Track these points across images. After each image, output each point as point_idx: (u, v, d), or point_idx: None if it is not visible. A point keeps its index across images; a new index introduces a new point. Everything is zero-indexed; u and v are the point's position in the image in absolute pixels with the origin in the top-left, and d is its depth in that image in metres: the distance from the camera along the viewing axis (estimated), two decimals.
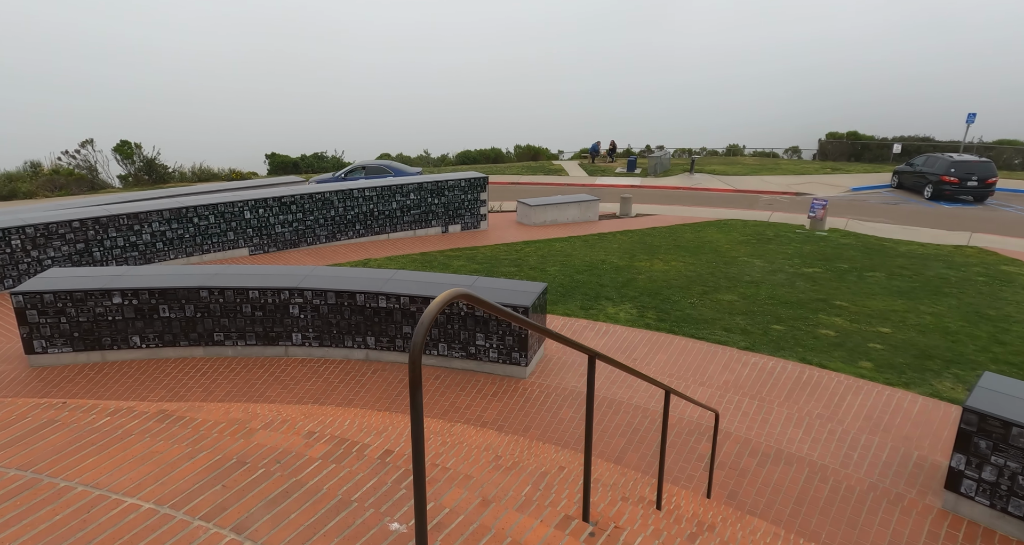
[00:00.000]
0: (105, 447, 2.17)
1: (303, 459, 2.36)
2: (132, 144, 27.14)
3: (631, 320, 8.76)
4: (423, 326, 1.43)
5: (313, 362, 7.39)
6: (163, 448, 2.20)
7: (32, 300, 6.82)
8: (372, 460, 2.63)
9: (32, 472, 1.98)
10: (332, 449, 2.68)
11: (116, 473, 2.00)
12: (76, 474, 1.98)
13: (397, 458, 2.84)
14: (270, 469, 2.21)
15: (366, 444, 3.00)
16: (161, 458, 2.12)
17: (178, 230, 11.46)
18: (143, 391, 6.51)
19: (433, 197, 15.36)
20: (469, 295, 1.58)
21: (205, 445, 2.41)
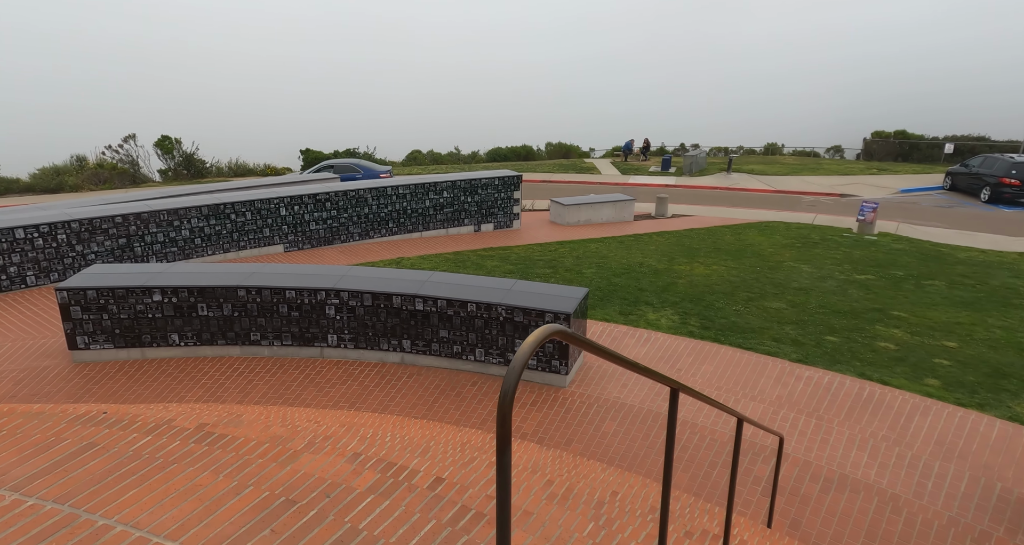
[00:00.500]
0: (146, 477, 2.00)
1: (352, 495, 2.17)
2: (172, 139, 27.78)
3: (673, 327, 8.41)
4: (514, 372, 1.20)
5: (348, 364, 7.28)
6: (207, 481, 2.02)
7: (76, 296, 6.87)
8: (424, 493, 2.42)
9: (70, 506, 1.82)
10: (380, 479, 2.48)
11: (158, 510, 1.82)
12: (116, 510, 1.81)
13: (448, 489, 2.63)
14: (320, 507, 2.02)
15: (414, 470, 2.79)
16: (205, 493, 1.94)
17: (215, 226, 11.55)
18: (182, 390, 6.49)
19: (466, 195, 15.19)
20: (564, 333, 1.34)
21: (250, 473, 2.23)
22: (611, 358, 1.74)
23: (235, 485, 2.01)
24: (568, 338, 1.38)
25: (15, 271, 9.11)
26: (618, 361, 1.83)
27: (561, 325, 1.31)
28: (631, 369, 1.98)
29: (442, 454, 3.62)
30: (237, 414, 4.07)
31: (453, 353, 7.12)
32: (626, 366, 1.92)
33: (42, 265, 9.40)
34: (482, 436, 5.19)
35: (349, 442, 3.31)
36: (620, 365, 1.83)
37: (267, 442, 2.82)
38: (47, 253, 9.43)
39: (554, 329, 1.30)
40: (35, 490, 1.88)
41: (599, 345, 1.63)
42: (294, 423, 3.90)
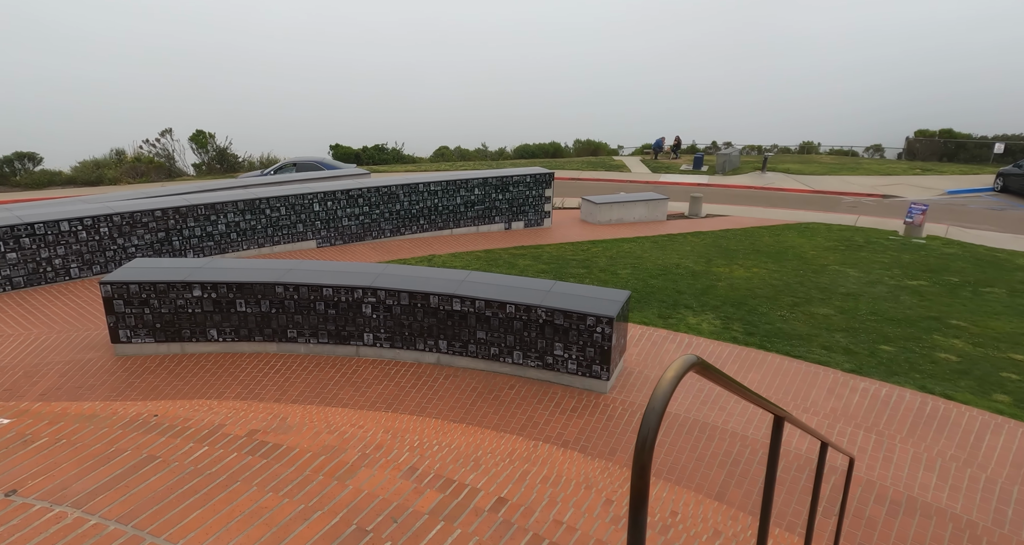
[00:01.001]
0: (209, 497, 1.89)
1: (420, 521, 2.02)
2: (207, 134, 28.28)
3: (715, 332, 8.12)
4: (655, 415, 1.02)
5: (384, 363, 7.20)
6: (271, 503, 1.90)
7: (119, 290, 6.93)
8: (490, 518, 2.27)
9: (133, 526, 1.71)
10: (442, 500, 2.34)
11: (224, 536, 1.70)
12: (181, 533, 1.70)
13: (513, 512, 2.47)
14: (389, 533, 1.87)
15: (473, 488, 2.64)
16: (272, 518, 1.81)
17: (251, 221, 11.62)
18: (220, 387, 6.49)
19: (497, 193, 15.04)
20: (703, 366, 1.16)
21: (311, 492, 2.11)
22: (751, 397, 1.55)
23: (302, 510, 1.88)
24: (707, 373, 1.20)
25: (60, 263, 9.29)
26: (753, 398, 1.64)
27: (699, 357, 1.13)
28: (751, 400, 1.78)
29: (493, 466, 3.47)
30: (282, 417, 3.99)
31: (490, 355, 6.98)
32: (750, 399, 1.73)
33: (85, 258, 9.57)
34: (525, 444, 5.03)
35: (400, 453, 3.18)
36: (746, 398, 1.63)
37: (320, 453, 2.71)
38: (90, 246, 9.59)
39: (692, 361, 1.12)
40: (97, 507, 1.78)
41: (741, 384, 1.44)
42: (340, 429, 3.79)
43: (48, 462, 1.98)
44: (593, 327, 6.42)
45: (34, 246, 8.96)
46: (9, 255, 8.70)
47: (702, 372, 1.16)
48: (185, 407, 3.85)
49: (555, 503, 2.79)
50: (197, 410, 3.57)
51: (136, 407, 3.47)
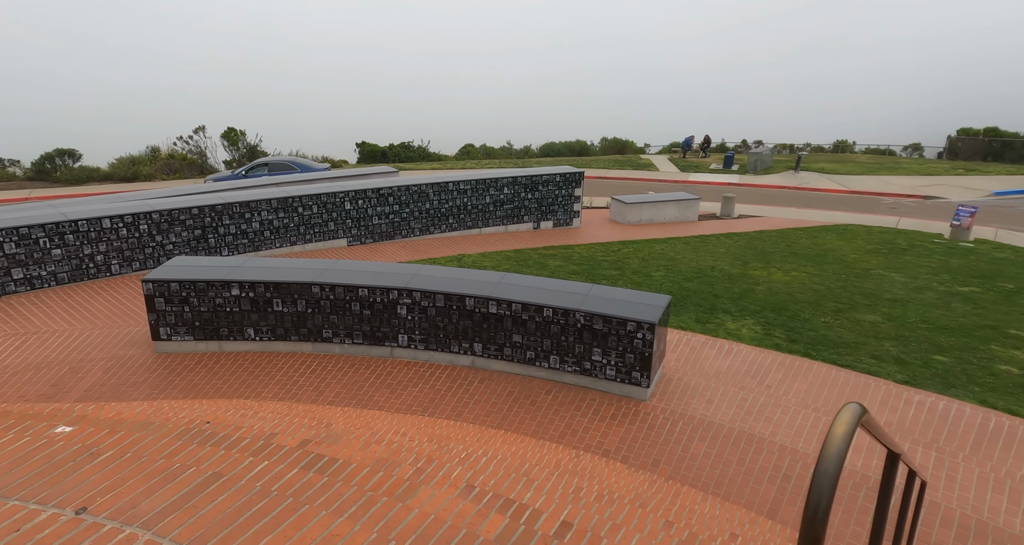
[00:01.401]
0: (278, 520, 1.81)
1: None
2: (238, 131, 28.74)
3: (756, 338, 7.87)
4: (828, 478, 0.88)
5: (418, 366, 7.15)
6: (343, 530, 1.81)
7: (160, 288, 7.01)
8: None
9: None
10: (508, 526, 2.23)
11: None
12: None
13: (579, 539, 2.35)
14: None
15: (536, 510, 2.53)
16: None
17: (284, 219, 11.71)
18: (258, 386, 6.51)
19: (527, 192, 14.91)
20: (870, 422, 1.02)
21: (376, 514, 2.02)
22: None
23: (375, 538, 1.79)
24: (872, 429, 1.05)
25: (101, 260, 9.48)
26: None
27: (862, 406, 0.99)
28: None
29: (545, 482, 3.36)
30: (327, 424, 3.94)
31: (526, 359, 6.87)
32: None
33: (125, 254, 9.74)
34: (567, 454, 4.91)
35: (452, 467, 3.08)
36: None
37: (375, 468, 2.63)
38: (130, 243, 9.77)
39: (860, 413, 0.98)
40: (168, 529, 1.72)
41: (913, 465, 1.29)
42: (385, 438, 3.72)
43: (115, 478, 1.93)
44: (633, 333, 6.25)
45: (77, 243, 9.15)
46: (54, 251, 8.90)
47: (869, 428, 1.02)
48: (232, 411, 3.82)
49: (617, 527, 2.66)
50: (245, 415, 3.54)
51: (187, 411, 3.45)
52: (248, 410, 4.17)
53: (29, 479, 1.89)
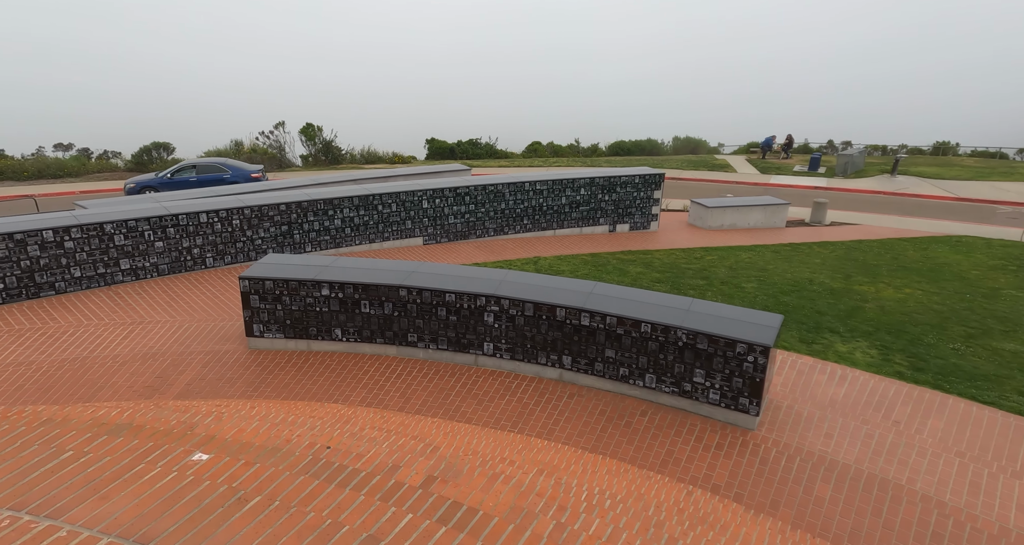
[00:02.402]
0: None
1: None
2: (315, 127, 29.72)
3: (873, 364, 7.11)
4: None
5: (503, 376, 6.91)
6: None
7: (256, 286, 7.13)
8: None
9: None
10: None
11: None
12: None
13: None
14: None
15: None
16: None
17: (364, 217, 11.83)
18: (346, 389, 6.48)
19: (604, 193, 14.42)
20: None
21: None
22: None
23: None
24: None
25: (198, 253, 9.86)
26: None
27: None
28: None
29: (681, 536, 2.99)
30: (434, 446, 3.73)
31: (619, 375, 6.48)
32: None
33: (219, 248, 10.10)
34: (678, 489, 4.50)
35: (588, 517, 2.77)
36: None
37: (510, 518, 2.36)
38: (223, 237, 10.11)
39: None
40: None
41: None
42: (503, 471, 3.46)
43: (267, 534, 1.74)
44: (744, 355, 5.73)
45: (177, 236, 9.55)
46: (157, 244, 9.33)
47: None
48: (354, 438, 3.68)
49: None
50: (357, 439, 3.37)
51: (301, 429, 3.32)
52: (362, 431, 4.04)
53: (181, 527, 1.73)
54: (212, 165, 17.21)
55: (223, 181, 16.77)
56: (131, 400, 5.87)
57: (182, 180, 16.71)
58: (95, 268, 8.74)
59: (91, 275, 8.72)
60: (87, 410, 3.13)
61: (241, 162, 18.41)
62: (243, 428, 3.03)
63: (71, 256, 8.46)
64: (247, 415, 3.76)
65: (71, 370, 6.41)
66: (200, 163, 17.32)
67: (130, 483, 1.94)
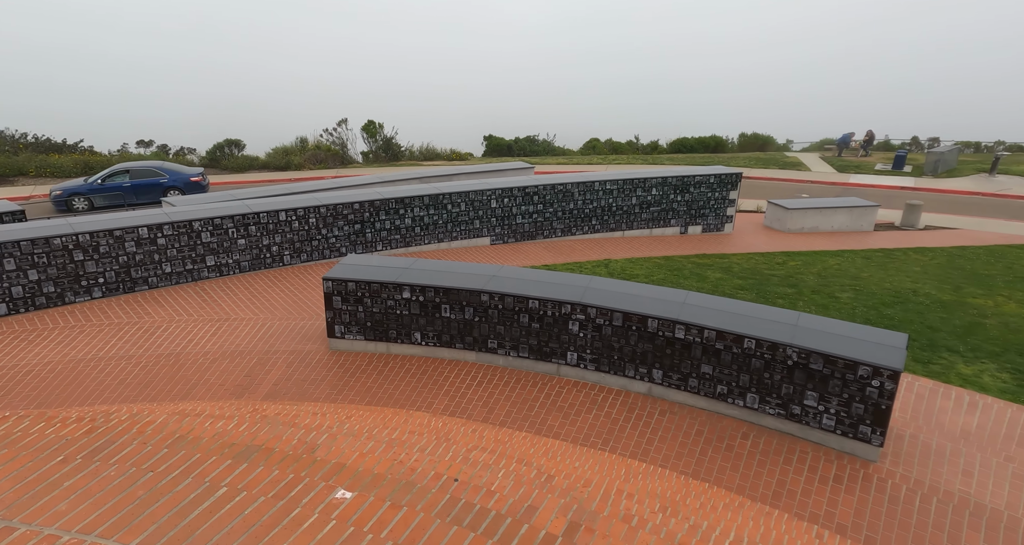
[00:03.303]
0: None
1: None
2: (376, 124, 30.21)
3: (1008, 390, 6.34)
4: None
5: (587, 387, 6.59)
6: None
7: (339, 287, 7.10)
8: None
9: None
10: None
11: None
12: None
13: None
14: None
15: None
16: None
17: (434, 216, 11.76)
18: (428, 396, 6.34)
19: (676, 193, 13.81)
20: None
21: None
22: None
23: None
24: None
25: (276, 250, 10.03)
26: None
27: None
28: None
29: None
30: (548, 475, 3.47)
31: (715, 393, 6.04)
32: None
33: (295, 246, 10.24)
34: (802, 530, 4.06)
35: None
36: None
37: None
38: (300, 235, 10.25)
39: None
40: None
41: None
42: (620, 504, 3.16)
43: None
44: (867, 379, 5.18)
45: (258, 234, 9.74)
46: (239, 241, 9.54)
47: None
48: (458, 456, 3.47)
49: None
50: (472, 464, 3.14)
51: (419, 454, 3.12)
52: (446, 439, 3.83)
53: None
54: (147, 169, 16.22)
55: (160, 186, 15.95)
56: (225, 399, 5.93)
57: (114, 186, 15.66)
58: (184, 264, 9.01)
59: (180, 271, 9.00)
60: (207, 422, 3.04)
61: (180, 166, 17.50)
62: (362, 451, 2.85)
63: (163, 252, 8.75)
64: (353, 430, 3.61)
65: (167, 366, 6.56)
66: (134, 167, 16.28)
67: (290, 531, 1.77)
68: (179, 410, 3.66)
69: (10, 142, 25.84)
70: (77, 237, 7.94)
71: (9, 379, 6.13)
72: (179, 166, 17.20)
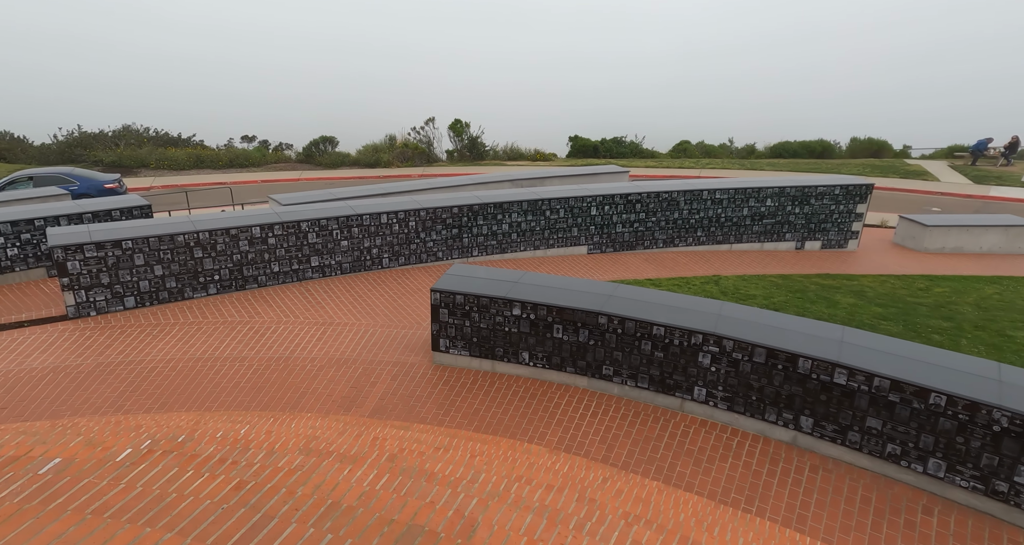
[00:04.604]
0: None
1: None
2: (463, 123, 30.32)
3: None
4: None
5: (717, 429, 5.82)
6: None
7: (446, 299, 6.75)
8: None
9: None
10: None
11: None
12: None
13: None
14: None
15: None
16: None
17: (531, 222, 11.28)
18: (539, 424, 5.82)
19: (794, 205, 12.54)
20: None
21: None
22: None
23: None
24: None
25: (376, 253, 9.94)
26: None
27: None
28: None
29: None
30: None
31: (885, 453, 5.09)
32: None
33: (394, 249, 10.11)
34: None
35: None
36: None
37: None
38: (399, 238, 10.09)
39: None
40: None
41: None
42: None
43: None
44: None
45: (360, 236, 9.66)
46: (342, 243, 9.50)
47: None
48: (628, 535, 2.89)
49: None
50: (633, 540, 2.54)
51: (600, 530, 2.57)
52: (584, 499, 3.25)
53: None
54: (54, 176, 14.89)
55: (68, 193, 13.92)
56: (335, 412, 5.72)
57: (15, 191, 13.79)
58: (290, 264, 9.07)
59: (286, 270, 9.07)
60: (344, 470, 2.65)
61: (94, 172, 16.29)
62: (520, 528, 2.33)
63: (272, 252, 8.83)
64: (497, 491, 3.13)
65: (277, 370, 6.47)
66: (39, 174, 14.95)
67: None
68: (308, 446, 3.33)
69: (135, 136, 28.21)
70: (198, 235, 8.12)
71: (136, 375, 6.25)
72: (93, 173, 16.09)
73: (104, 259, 7.64)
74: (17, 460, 2.33)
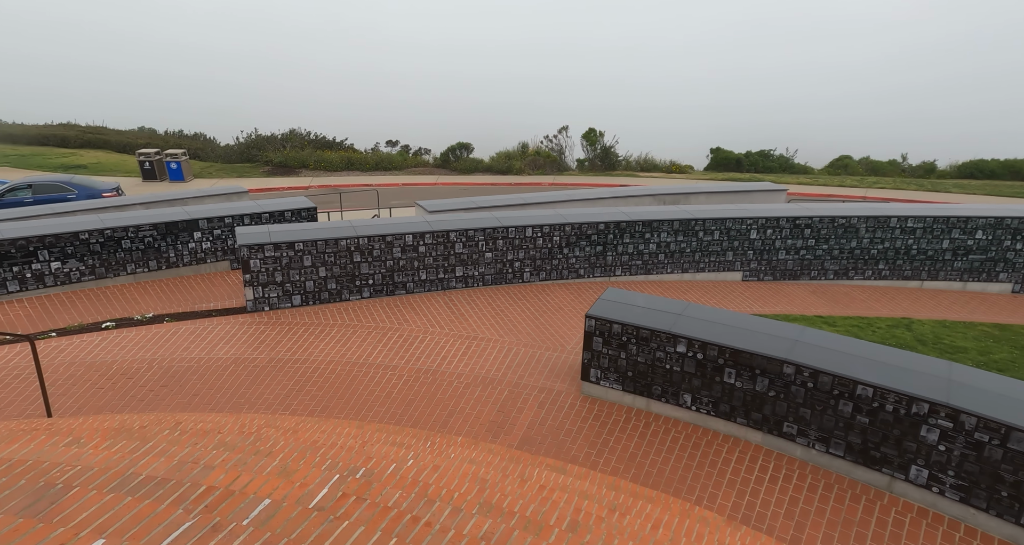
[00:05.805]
0: None
1: None
2: (597, 132, 29.73)
3: None
4: None
5: (944, 523, 4.64)
6: None
7: (602, 327, 6.23)
8: None
9: None
10: None
11: None
12: None
13: None
14: None
15: None
16: None
17: (681, 243, 10.39)
18: (707, 482, 5.07)
19: (1013, 239, 10.30)
20: None
21: None
22: None
23: None
24: None
25: (518, 266, 9.72)
26: None
27: None
28: None
29: None
30: None
31: None
32: None
33: (536, 263, 9.82)
34: None
35: None
36: None
37: None
38: (542, 252, 9.79)
39: None
40: None
41: None
42: None
43: None
44: None
45: (504, 248, 9.50)
46: (487, 254, 9.40)
47: None
48: None
49: None
50: None
51: None
52: None
53: None
54: (52, 184, 14.85)
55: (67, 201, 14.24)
56: (483, 438, 5.46)
57: (14, 201, 14.24)
58: (436, 272, 9.14)
59: (433, 279, 9.15)
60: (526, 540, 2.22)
61: (92, 179, 16.09)
62: None
63: (422, 260, 8.96)
64: None
65: (425, 383, 6.40)
66: (38, 182, 14.96)
67: None
68: (484, 498, 2.97)
69: (299, 140, 31.39)
70: (358, 240, 8.44)
71: (302, 374, 6.53)
72: (91, 180, 15.98)
73: (279, 259, 8.19)
74: (232, 496, 2.20)
